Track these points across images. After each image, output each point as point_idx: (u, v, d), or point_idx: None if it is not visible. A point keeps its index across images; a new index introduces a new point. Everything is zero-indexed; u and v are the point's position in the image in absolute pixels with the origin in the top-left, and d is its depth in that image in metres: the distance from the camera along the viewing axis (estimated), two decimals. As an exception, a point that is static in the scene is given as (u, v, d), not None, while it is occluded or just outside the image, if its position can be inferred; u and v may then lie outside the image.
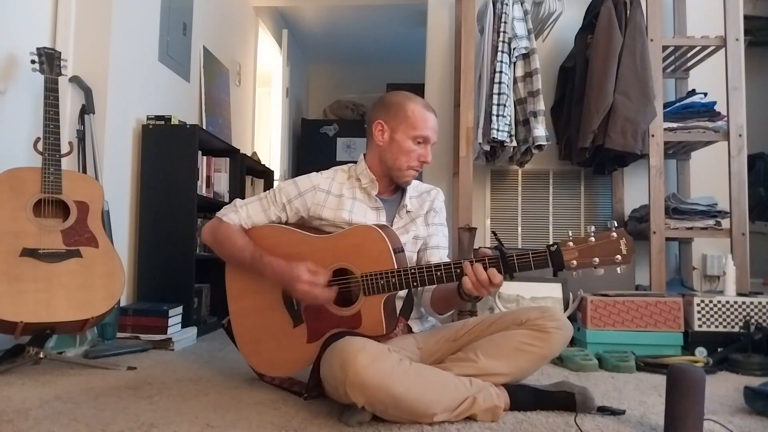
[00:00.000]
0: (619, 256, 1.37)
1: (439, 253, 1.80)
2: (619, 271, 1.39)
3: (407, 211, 1.79)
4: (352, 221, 1.69)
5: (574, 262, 1.40)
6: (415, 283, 1.51)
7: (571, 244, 1.40)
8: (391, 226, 1.75)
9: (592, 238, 1.39)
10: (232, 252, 1.72)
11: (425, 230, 1.80)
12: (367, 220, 1.71)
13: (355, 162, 1.83)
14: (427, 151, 1.71)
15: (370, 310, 1.54)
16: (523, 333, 1.59)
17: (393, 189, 1.81)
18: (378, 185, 1.75)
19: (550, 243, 1.42)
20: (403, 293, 1.65)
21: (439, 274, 1.49)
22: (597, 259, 1.38)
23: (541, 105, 3.06)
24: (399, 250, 1.60)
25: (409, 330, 1.75)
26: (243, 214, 1.74)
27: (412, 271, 1.51)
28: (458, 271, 1.47)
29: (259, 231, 1.74)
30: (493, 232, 1.54)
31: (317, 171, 1.81)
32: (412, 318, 1.75)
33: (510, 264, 1.43)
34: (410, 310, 1.71)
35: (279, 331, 1.67)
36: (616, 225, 1.41)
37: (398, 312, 1.65)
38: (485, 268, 1.43)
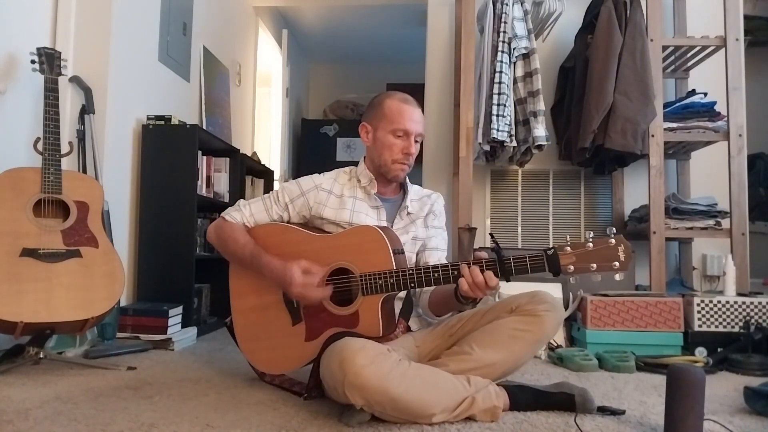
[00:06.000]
0: (617, 263, 1.38)
1: (438, 255, 1.81)
2: (617, 278, 1.40)
3: (408, 213, 1.80)
4: (353, 220, 1.71)
5: (571, 267, 1.40)
6: (412, 284, 1.51)
7: (568, 249, 1.40)
8: (392, 226, 1.76)
9: (590, 244, 1.40)
10: (233, 250, 1.73)
11: (424, 232, 1.81)
12: (368, 219, 1.73)
13: (356, 163, 1.85)
14: (410, 143, 1.71)
15: (367, 310, 1.54)
16: (515, 319, 1.60)
17: (393, 189, 1.82)
18: (377, 184, 1.77)
19: (548, 247, 1.43)
20: (402, 294, 1.65)
21: (436, 275, 1.49)
22: (594, 265, 1.39)
23: (541, 105, 3.06)
24: (399, 252, 1.60)
25: (408, 329, 1.76)
26: (246, 212, 1.77)
27: (410, 272, 1.51)
28: (455, 273, 1.48)
29: (262, 229, 1.76)
30: (491, 234, 1.53)
31: (317, 171, 1.83)
32: (411, 316, 1.75)
33: (507, 267, 1.44)
34: (410, 311, 1.71)
35: (278, 329, 1.68)
36: (615, 231, 1.41)
37: (398, 314, 1.65)
38: (482, 271, 1.44)
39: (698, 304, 2.46)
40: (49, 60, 2.22)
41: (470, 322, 1.69)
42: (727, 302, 2.46)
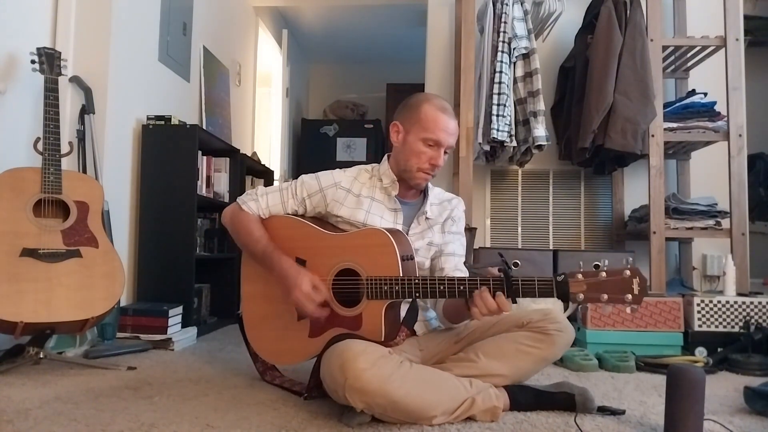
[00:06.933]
0: (629, 296, 1.32)
1: (455, 260, 1.76)
2: (629, 311, 1.35)
3: (426, 218, 1.75)
4: (368, 222, 1.68)
5: (581, 295, 1.34)
6: (417, 294, 1.49)
7: (580, 276, 1.35)
8: (409, 230, 1.73)
9: (603, 273, 1.34)
10: (246, 241, 1.73)
11: (441, 238, 1.77)
12: (384, 221, 1.70)
13: (367, 162, 1.82)
14: (439, 154, 1.66)
15: (371, 314, 1.53)
16: (524, 335, 1.59)
17: (414, 192, 1.78)
18: (398, 186, 1.72)
19: (559, 273, 1.38)
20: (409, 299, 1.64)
21: (442, 288, 1.47)
22: (606, 296, 1.33)
23: (541, 105, 3.06)
24: (408, 258, 1.57)
25: (413, 333, 1.74)
26: (262, 203, 1.75)
27: (416, 281, 1.49)
28: (461, 288, 1.44)
29: (276, 221, 1.75)
30: (500, 254, 1.50)
31: (317, 171, 1.80)
32: (416, 322, 1.74)
33: (515, 288, 1.40)
34: (414, 319, 1.70)
35: (284, 321, 1.68)
36: (631, 261, 1.36)
37: (401, 320, 1.63)
38: (490, 290, 1.40)
39: (698, 304, 2.46)
40: (49, 60, 2.21)
41: (478, 330, 1.67)
42: (727, 302, 2.46)
